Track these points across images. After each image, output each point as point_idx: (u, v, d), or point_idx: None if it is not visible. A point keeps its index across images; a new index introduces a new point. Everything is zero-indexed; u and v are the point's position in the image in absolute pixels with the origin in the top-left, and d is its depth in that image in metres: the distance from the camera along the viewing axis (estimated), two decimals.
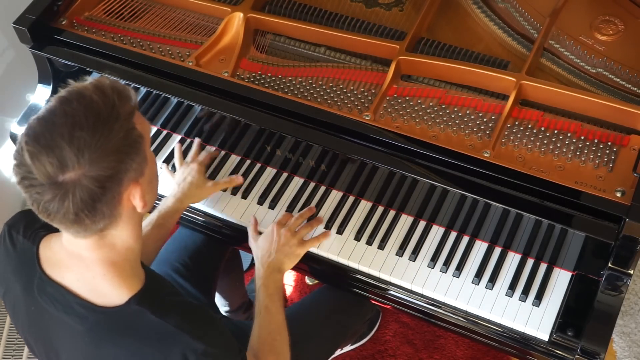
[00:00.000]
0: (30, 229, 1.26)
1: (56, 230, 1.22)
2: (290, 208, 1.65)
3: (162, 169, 1.73)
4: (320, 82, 1.66)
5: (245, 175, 1.72)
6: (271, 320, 1.45)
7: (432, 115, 1.58)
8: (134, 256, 1.21)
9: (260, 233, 1.61)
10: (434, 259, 1.56)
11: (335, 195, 1.67)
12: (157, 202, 1.72)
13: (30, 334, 1.29)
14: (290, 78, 1.67)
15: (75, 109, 1.06)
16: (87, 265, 1.17)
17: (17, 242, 1.26)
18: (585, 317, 1.42)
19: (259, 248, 1.55)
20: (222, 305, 2.08)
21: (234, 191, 1.69)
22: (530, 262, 1.54)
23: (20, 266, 1.24)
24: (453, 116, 1.58)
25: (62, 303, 1.18)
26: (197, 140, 1.75)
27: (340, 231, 1.62)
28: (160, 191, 1.70)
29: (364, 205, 1.66)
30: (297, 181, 1.70)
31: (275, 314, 1.46)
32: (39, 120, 1.07)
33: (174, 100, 1.71)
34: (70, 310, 1.18)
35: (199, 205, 1.69)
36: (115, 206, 1.10)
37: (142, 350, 1.17)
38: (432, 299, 1.54)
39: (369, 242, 1.60)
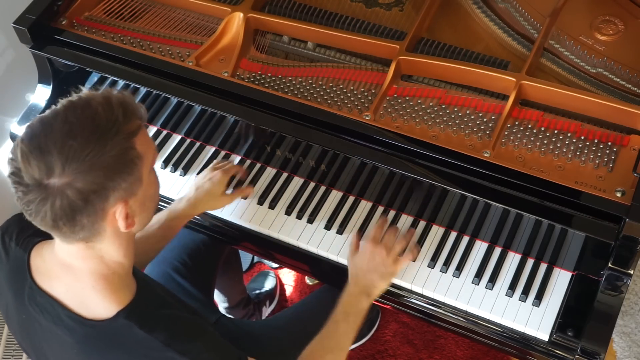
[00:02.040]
0: (23, 235, 1.25)
1: (50, 237, 1.22)
2: (290, 208, 1.65)
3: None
4: (320, 82, 1.66)
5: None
6: (333, 337, 1.42)
7: (432, 115, 1.58)
8: (124, 270, 1.19)
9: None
10: (434, 259, 1.56)
11: (335, 195, 1.67)
12: (164, 204, 1.71)
13: (22, 340, 1.30)
14: (290, 78, 1.67)
15: (76, 118, 1.05)
16: (76, 276, 1.16)
17: (9, 248, 1.25)
18: (585, 317, 1.42)
19: (355, 266, 1.52)
20: (221, 301, 2.08)
21: (234, 191, 1.69)
22: (530, 262, 1.54)
23: (11, 273, 1.24)
24: (453, 116, 1.58)
25: (52, 314, 1.17)
26: (242, 169, 1.70)
27: (340, 231, 1.62)
28: (162, 192, 1.71)
29: (364, 205, 1.66)
30: (297, 181, 1.70)
31: (341, 335, 1.43)
32: (41, 121, 1.07)
33: (174, 100, 1.71)
34: (59, 321, 1.17)
35: None
36: (97, 221, 1.08)
37: None
38: (432, 299, 1.54)
39: None
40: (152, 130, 1.80)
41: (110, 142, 1.05)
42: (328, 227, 1.63)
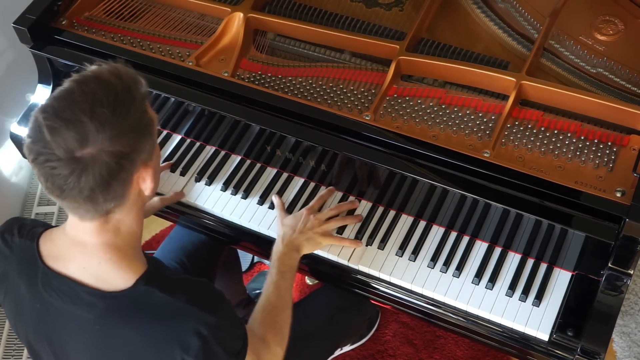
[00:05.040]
0: (25, 229, 1.27)
1: (52, 227, 1.23)
2: (290, 208, 1.65)
3: None
4: (320, 82, 1.66)
5: (245, 175, 1.72)
6: (278, 297, 1.45)
7: (432, 115, 1.58)
8: (137, 241, 1.23)
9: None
10: (434, 259, 1.56)
11: (335, 196, 1.67)
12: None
13: (35, 334, 1.29)
14: (290, 78, 1.67)
15: (94, 89, 1.09)
16: (90, 252, 1.18)
17: (13, 244, 1.26)
18: (585, 317, 1.42)
19: (285, 225, 1.57)
20: None
21: (234, 191, 1.69)
22: (530, 262, 1.54)
23: (20, 265, 1.25)
24: (453, 116, 1.58)
25: (69, 294, 1.19)
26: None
27: (339, 232, 1.62)
28: (161, 192, 1.71)
29: (364, 206, 1.66)
30: (297, 181, 1.70)
31: (284, 292, 1.47)
32: (57, 99, 1.09)
33: (174, 100, 1.71)
34: (78, 300, 1.19)
35: (198, 204, 1.69)
36: (127, 187, 1.13)
37: (154, 329, 1.18)
38: (432, 299, 1.54)
39: (369, 243, 1.60)
40: None
41: (132, 106, 1.11)
42: None
